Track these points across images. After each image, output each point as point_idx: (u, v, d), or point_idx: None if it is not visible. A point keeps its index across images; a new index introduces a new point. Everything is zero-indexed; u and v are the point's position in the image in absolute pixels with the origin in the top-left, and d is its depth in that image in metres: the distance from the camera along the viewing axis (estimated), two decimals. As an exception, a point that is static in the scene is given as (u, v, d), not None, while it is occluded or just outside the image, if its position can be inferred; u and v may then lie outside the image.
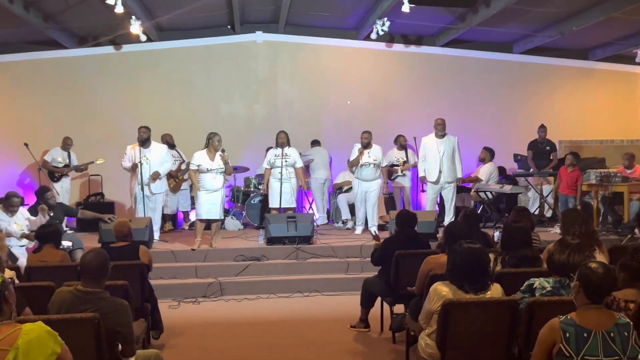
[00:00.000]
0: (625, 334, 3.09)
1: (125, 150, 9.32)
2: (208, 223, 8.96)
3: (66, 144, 10.96)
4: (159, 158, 9.28)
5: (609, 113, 12.85)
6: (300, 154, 10.01)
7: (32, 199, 9.54)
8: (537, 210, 11.00)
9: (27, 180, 11.68)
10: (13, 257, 7.09)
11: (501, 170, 11.57)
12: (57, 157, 10.85)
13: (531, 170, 11.22)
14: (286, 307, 7.51)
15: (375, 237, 6.70)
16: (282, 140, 9.45)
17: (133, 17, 9.96)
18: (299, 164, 9.68)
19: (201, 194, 8.75)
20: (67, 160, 10.92)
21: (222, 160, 8.73)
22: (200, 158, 8.76)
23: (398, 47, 12.62)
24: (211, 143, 8.75)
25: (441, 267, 4.55)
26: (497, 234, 6.01)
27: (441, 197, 10.22)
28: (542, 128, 11.22)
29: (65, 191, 10.75)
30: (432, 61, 12.65)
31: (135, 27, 10.16)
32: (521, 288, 4.06)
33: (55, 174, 10.71)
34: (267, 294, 7.98)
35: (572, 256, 3.96)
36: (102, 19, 10.50)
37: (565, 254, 3.98)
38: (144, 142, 9.16)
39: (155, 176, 9.12)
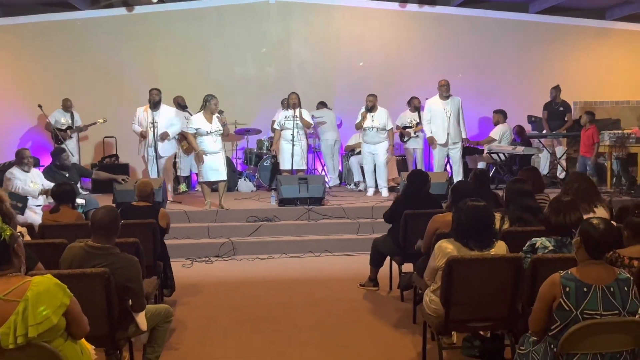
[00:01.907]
0: (626, 289, 3.11)
1: (135, 112, 9.38)
2: (214, 185, 9.04)
3: (66, 105, 10.96)
4: (166, 121, 9.33)
5: (626, 74, 12.66)
6: (311, 115, 10.01)
7: (47, 160, 9.64)
8: (550, 172, 10.97)
9: (30, 143, 11.73)
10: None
11: (520, 130, 11.50)
12: (60, 118, 10.86)
13: (544, 131, 11.14)
14: (297, 266, 7.61)
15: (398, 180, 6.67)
16: (295, 102, 9.45)
17: (144, -23, 9.94)
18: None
19: (203, 156, 8.79)
20: (70, 122, 10.94)
21: (220, 123, 8.73)
22: (198, 121, 8.74)
23: (412, 7, 12.48)
24: (208, 106, 8.73)
25: (447, 226, 4.58)
26: (505, 195, 6.02)
27: (449, 159, 10.20)
28: (555, 88, 11.10)
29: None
30: (447, 21, 12.51)
31: (147, -12, 10.13)
32: (523, 248, 4.09)
33: (58, 137, 10.64)
34: (278, 254, 8.09)
35: (568, 216, 3.98)
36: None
37: (561, 215, 3.99)
38: (156, 105, 9.21)
39: (164, 136, 9.18)
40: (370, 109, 9.68)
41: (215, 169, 8.79)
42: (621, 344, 3.09)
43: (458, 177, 9.82)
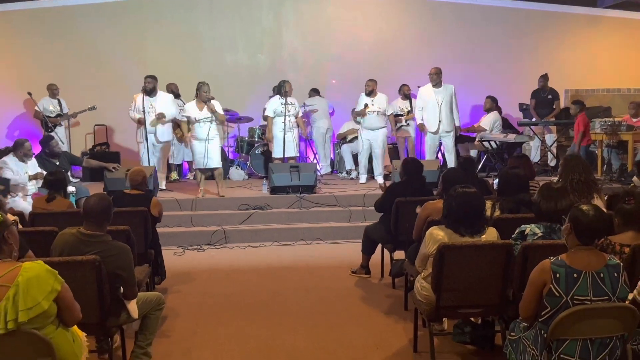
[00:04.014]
0: (615, 274, 3.13)
1: (133, 99, 9.32)
2: (210, 172, 9.05)
3: (52, 91, 10.82)
4: (164, 108, 9.28)
5: (617, 61, 12.67)
6: (304, 103, 10.02)
7: (36, 148, 9.56)
8: (541, 160, 11.01)
9: (17, 132, 11.65)
10: None
11: (503, 120, 11.51)
12: (48, 106, 10.71)
13: (534, 119, 11.18)
14: (289, 254, 7.62)
15: (383, 189, 6.67)
16: (288, 89, 9.53)
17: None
18: (300, 113, 9.75)
19: (195, 143, 8.86)
20: (59, 108, 10.81)
21: (207, 110, 8.72)
22: (189, 109, 8.85)
23: (404, -6, 12.46)
24: (199, 93, 8.76)
25: (439, 213, 4.58)
26: (496, 182, 6.03)
27: (442, 147, 10.19)
28: (543, 77, 11.14)
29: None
30: (438, 9, 12.47)
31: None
32: (512, 235, 4.10)
33: (48, 125, 10.45)
34: (270, 242, 8.10)
35: (559, 202, 3.99)
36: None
37: (552, 202, 4.01)
38: (150, 92, 9.17)
39: (160, 116, 9.14)
40: (369, 93, 9.67)
41: (205, 156, 8.81)
42: (611, 330, 3.12)
43: (451, 165, 9.81)
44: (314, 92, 11.54)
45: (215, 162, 8.90)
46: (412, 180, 6.17)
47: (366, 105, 9.63)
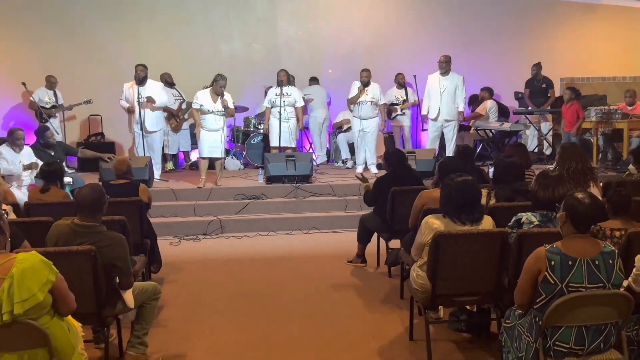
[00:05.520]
0: (610, 261, 3.14)
1: (122, 88, 9.31)
2: (211, 162, 9.06)
3: (50, 82, 10.75)
4: (154, 95, 9.25)
5: (612, 50, 12.63)
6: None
7: (31, 139, 9.53)
8: (537, 148, 11.01)
9: (12, 122, 11.55)
10: None
11: (504, 108, 11.49)
12: (44, 97, 10.63)
13: (529, 108, 11.18)
14: (285, 244, 7.63)
15: (362, 179, 6.62)
16: (282, 79, 9.47)
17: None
18: (300, 103, 9.70)
19: (203, 132, 8.86)
20: (54, 100, 10.74)
21: (221, 105, 8.73)
22: (203, 98, 8.77)
23: (399, -18, 12.41)
24: (215, 85, 8.73)
25: (435, 202, 4.59)
26: (491, 170, 6.03)
27: (443, 136, 10.18)
28: (536, 65, 11.12)
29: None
30: (433, -3, 12.46)
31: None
32: (509, 224, 4.11)
33: (42, 115, 10.39)
34: (266, 232, 8.10)
35: (556, 190, 4.00)
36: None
37: (549, 190, 4.01)
38: (141, 81, 9.15)
39: (149, 99, 9.13)
40: (366, 84, 9.65)
41: (212, 146, 8.85)
42: (606, 317, 3.13)
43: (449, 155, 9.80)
44: (313, 80, 11.48)
45: (220, 152, 8.94)
46: (397, 171, 6.20)
47: (361, 89, 9.58)
